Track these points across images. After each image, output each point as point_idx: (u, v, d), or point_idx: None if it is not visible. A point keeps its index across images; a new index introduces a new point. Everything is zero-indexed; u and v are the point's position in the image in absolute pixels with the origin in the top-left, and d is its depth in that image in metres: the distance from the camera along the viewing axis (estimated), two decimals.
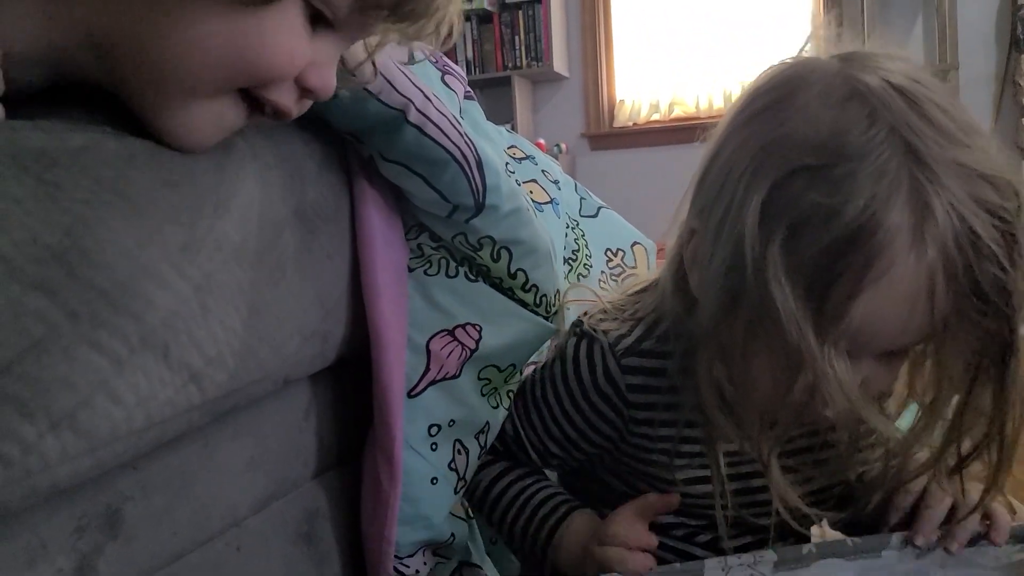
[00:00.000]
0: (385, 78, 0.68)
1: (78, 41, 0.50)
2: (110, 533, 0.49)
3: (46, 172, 0.43)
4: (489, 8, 3.91)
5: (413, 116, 0.69)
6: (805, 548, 0.63)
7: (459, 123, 0.73)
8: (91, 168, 0.45)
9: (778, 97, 0.56)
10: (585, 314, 0.75)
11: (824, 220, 0.50)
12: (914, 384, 0.62)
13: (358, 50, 0.61)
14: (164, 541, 0.54)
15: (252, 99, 0.54)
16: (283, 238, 0.61)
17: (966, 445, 0.59)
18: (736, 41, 3.78)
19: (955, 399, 0.58)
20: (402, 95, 0.69)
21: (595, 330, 0.71)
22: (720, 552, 0.75)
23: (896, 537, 0.64)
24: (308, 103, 0.57)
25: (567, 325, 0.81)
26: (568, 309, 0.86)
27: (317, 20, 0.54)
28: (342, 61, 0.59)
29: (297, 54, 0.53)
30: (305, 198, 0.65)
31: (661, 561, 0.75)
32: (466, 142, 0.73)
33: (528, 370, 0.83)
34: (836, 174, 0.50)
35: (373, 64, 0.63)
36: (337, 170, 0.72)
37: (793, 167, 0.52)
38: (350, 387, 0.78)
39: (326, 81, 0.55)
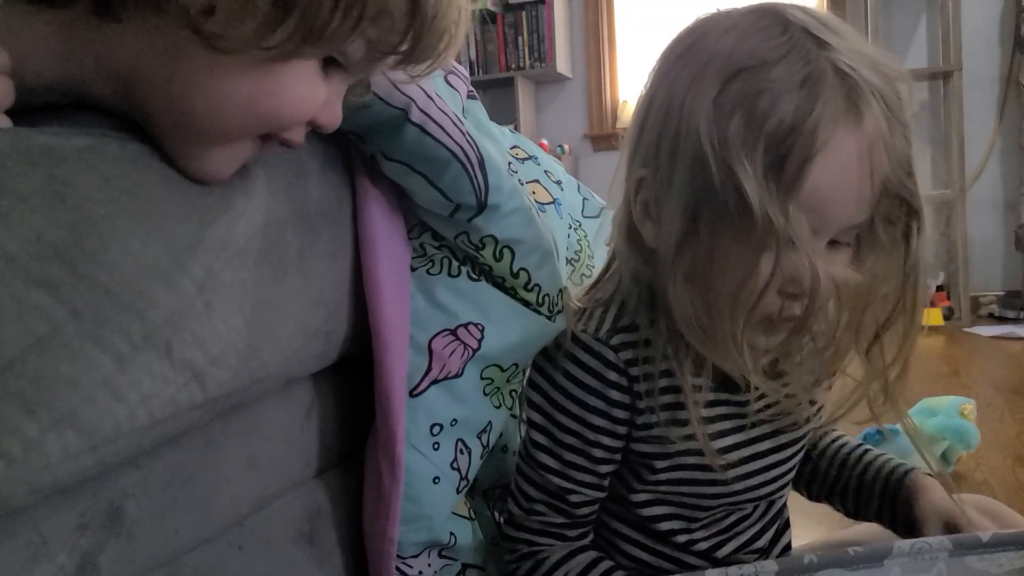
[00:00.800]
0: (387, 77, 0.68)
1: (96, 74, 0.51)
2: (112, 530, 0.49)
3: (56, 168, 0.43)
4: (493, 9, 3.91)
5: (415, 115, 0.69)
6: (807, 558, 0.63)
7: (461, 122, 0.73)
8: (99, 166, 0.45)
9: (696, 36, 0.64)
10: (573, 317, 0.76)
11: (771, 103, 0.57)
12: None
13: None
14: (166, 539, 0.54)
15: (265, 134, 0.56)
16: (286, 238, 0.61)
17: (880, 318, 0.65)
18: None
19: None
20: (404, 94, 0.69)
21: (578, 331, 0.72)
22: (716, 561, 0.75)
23: (899, 546, 0.64)
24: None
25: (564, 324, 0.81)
26: (557, 311, 0.86)
27: (329, 62, 0.56)
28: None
29: (315, 102, 0.56)
30: (308, 198, 0.65)
31: (659, 571, 0.75)
32: (468, 141, 0.73)
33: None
34: (772, 70, 0.58)
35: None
36: (340, 170, 0.72)
37: (733, 70, 0.59)
38: (352, 385, 0.78)
39: (334, 117, 0.59)
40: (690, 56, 0.63)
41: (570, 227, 1.01)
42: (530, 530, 0.76)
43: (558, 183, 1.02)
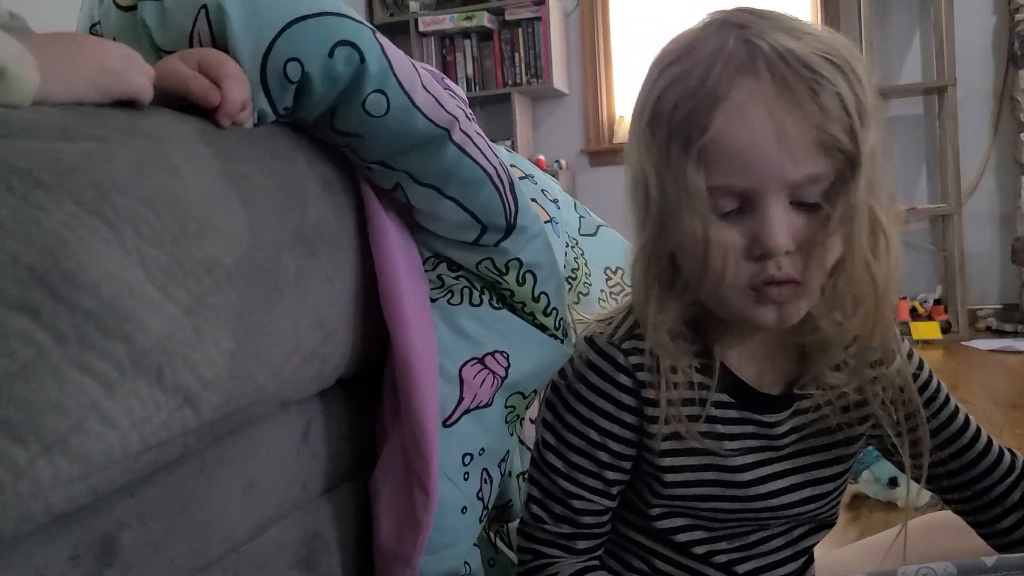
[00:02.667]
0: (432, 96, 0.68)
1: None
2: (106, 561, 0.48)
3: (30, 193, 0.42)
4: (489, 26, 3.92)
5: (457, 135, 0.70)
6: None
7: (492, 145, 0.74)
8: (75, 191, 0.44)
9: (658, 51, 0.69)
10: (581, 331, 0.77)
11: (679, 83, 0.63)
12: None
13: None
14: (161, 569, 0.53)
15: None
16: (281, 260, 0.60)
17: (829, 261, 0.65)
18: None
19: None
20: (449, 113, 0.69)
21: (595, 335, 0.73)
22: (733, 573, 0.74)
23: (903, 571, 0.60)
24: None
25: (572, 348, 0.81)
26: (568, 335, 0.86)
27: None
28: None
29: None
30: (306, 219, 0.65)
31: None
32: (500, 163, 0.74)
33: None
34: (685, 57, 0.64)
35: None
36: (341, 192, 0.71)
37: (661, 67, 0.66)
38: (350, 406, 0.77)
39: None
40: (648, 70, 0.69)
41: (567, 245, 1.01)
42: (537, 540, 0.75)
43: (555, 202, 1.02)
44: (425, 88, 0.68)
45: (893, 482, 1.54)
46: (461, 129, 0.70)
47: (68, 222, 0.43)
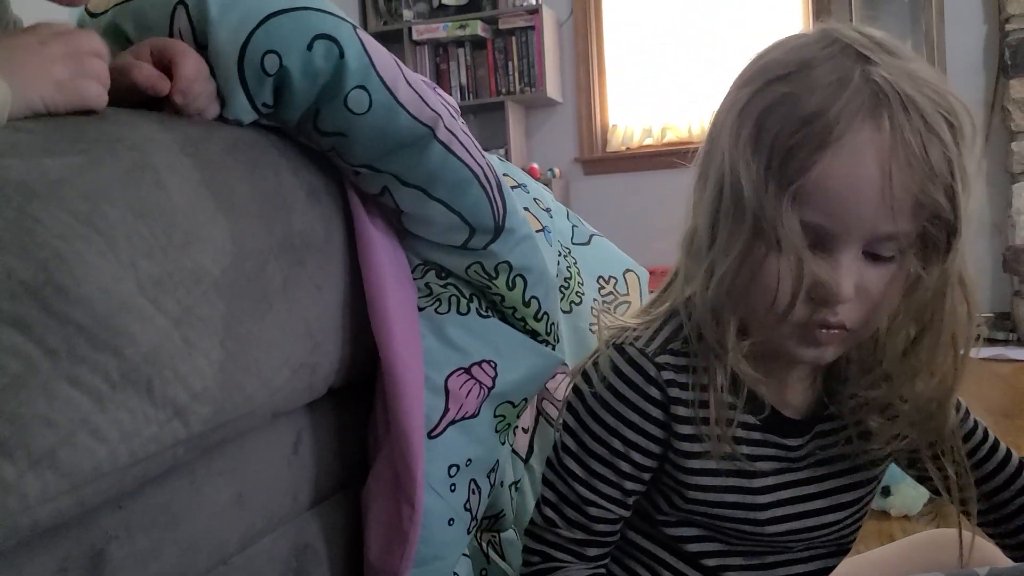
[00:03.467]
0: (416, 92, 0.68)
1: None
2: (94, 574, 0.48)
3: (27, 204, 0.42)
4: (483, 34, 3.93)
5: (441, 133, 0.69)
6: None
7: (479, 145, 0.73)
8: (67, 201, 0.44)
9: (757, 56, 0.66)
10: (610, 336, 0.74)
11: (788, 105, 0.59)
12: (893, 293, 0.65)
13: None
14: None
15: None
16: (268, 270, 0.60)
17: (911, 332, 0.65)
18: (729, 66, 3.80)
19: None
20: (433, 110, 0.68)
21: (626, 343, 0.71)
22: None
23: None
24: None
25: (565, 356, 0.80)
26: (559, 341, 0.86)
27: None
28: None
29: None
30: (292, 229, 0.64)
31: None
32: (488, 163, 0.73)
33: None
34: (799, 76, 0.60)
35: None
36: (328, 201, 0.71)
37: (765, 80, 0.62)
38: (341, 417, 0.77)
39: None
40: (745, 73, 0.65)
41: (560, 254, 1.01)
42: (548, 543, 0.73)
43: (547, 210, 1.02)
44: (409, 85, 0.68)
45: (886, 491, 1.54)
46: (446, 127, 0.69)
47: (63, 234, 0.43)
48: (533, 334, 0.81)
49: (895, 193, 0.58)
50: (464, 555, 0.81)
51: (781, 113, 0.59)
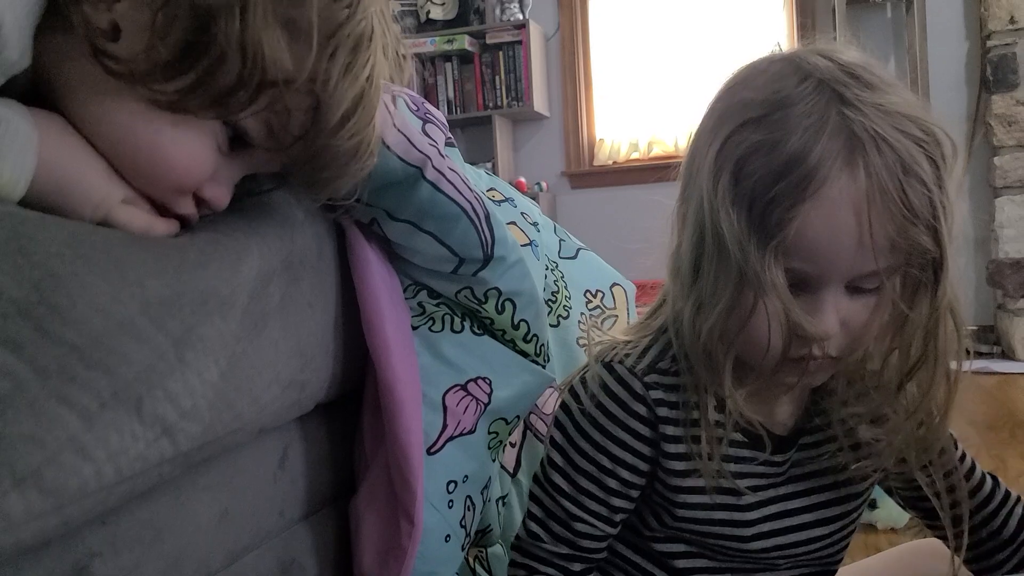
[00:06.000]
0: (404, 135, 0.69)
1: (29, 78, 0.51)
2: None
3: (21, 225, 0.42)
4: (470, 49, 3.94)
5: (430, 173, 0.71)
6: None
7: (468, 179, 0.74)
8: (67, 223, 0.44)
9: (732, 83, 0.66)
10: (600, 352, 0.74)
11: (765, 152, 0.59)
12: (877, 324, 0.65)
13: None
14: None
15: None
16: (270, 289, 0.60)
17: (904, 365, 0.65)
18: (715, 81, 3.82)
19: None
20: (420, 152, 0.70)
21: (615, 361, 0.70)
22: None
23: None
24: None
25: (553, 372, 0.80)
26: (549, 360, 0.86)
27: (237, 141, 0.58)
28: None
29: (203, 167, 0.57)
30: (294, 247, 0.65)
31: None
32: (476, 196, 0.74)
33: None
34: (774, 118, 0.59)
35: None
36: (322, 220, 0.71)
37: (741, 120, 0.61)
38: (328, 431, 0.76)
39: (221, 196, 0.60)
40: (718, 103, 0.65)
41: (547, 268, 1.01)
42: (533, 557, 0.73)
43: (534, 224, 1.02)
44: (396, 128, 0.69)
45: (872, 504, 1.54)
46: (434, 167, 0.71)
47: (60, 253, 0.43)
48: (523, 354, 0.81)
49: (875, 238, 0.58)
50: (457, 574, 0.80)
51: (758, 162, 0.59)
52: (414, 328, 0.76)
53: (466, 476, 0.75)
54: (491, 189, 0.99)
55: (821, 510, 0.73)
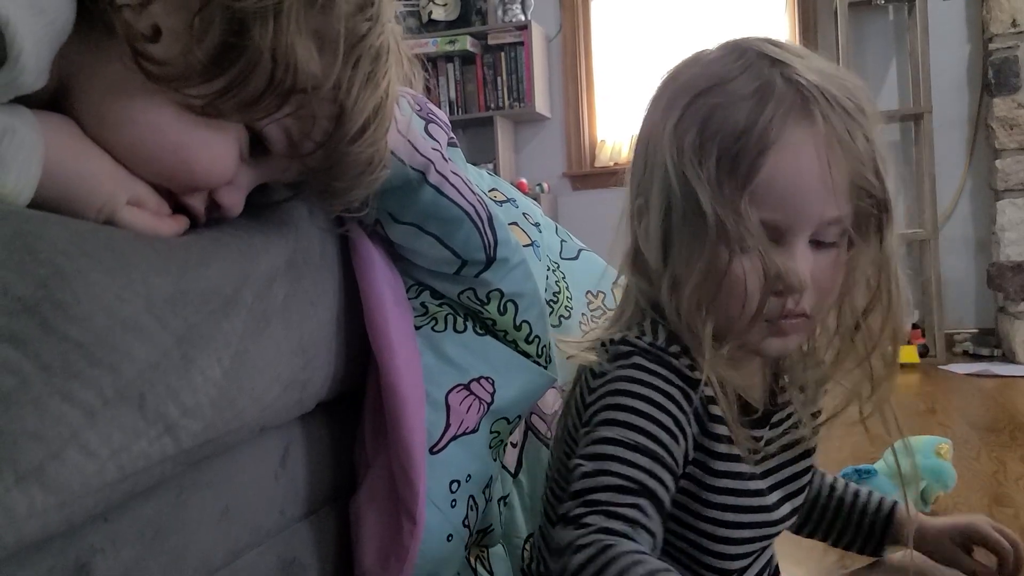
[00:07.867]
0: (408, 140, 0.69)
1: (55, 84, 0.51)
2: None
3: (26, 223, 0.42)
4: (472, 50, 3.94)
5: (433, 177, 0.71)
6: None
7: (471, 181, 0.75)
8: (72, 221, 0.44)
9: (671, 76, 0.71)
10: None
11: (723, 112, 0.63)
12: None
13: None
14: None
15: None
16: (274, 288, 0.61)
17: (859, 307, 0.69)
18: None
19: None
20: (424, 156, 0.70)
21: (628, 340, 0.67)
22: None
23: None
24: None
25: (556, 373, 0.80)
26: (551, 362, 0.86)
27: (256, 149, 0.59)
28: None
29: (226, 170, 0.58)
30: (297, 246, 0.65)
31: None
32: (479, 199, 0.74)
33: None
34: (727, 88, 0.64)
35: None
36: (324, 218, 0.72)
37: (693, 94, 0.65)
38: (329, 430, 0.77)
39: (235, 201, 0.61)
40: (664, 93, 0.69)
41: (548, 269, 1.01)
42: (602, 512, 0.59)
43: (536, 225, 1.03)
44: (400, 132, 0.69)
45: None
46: (437, 171, 0.72)
47: (66, 251, 0.43)
48: (524, 355, 0.81)
49: (835, 179, 0.62)
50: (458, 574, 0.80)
51: (719, 121, 0.63)
52: (417, 328, 0.77)
53: (469, 475, 0.75)
54: (493, 190, 0.99)
55: (791, 483, 0.75)
